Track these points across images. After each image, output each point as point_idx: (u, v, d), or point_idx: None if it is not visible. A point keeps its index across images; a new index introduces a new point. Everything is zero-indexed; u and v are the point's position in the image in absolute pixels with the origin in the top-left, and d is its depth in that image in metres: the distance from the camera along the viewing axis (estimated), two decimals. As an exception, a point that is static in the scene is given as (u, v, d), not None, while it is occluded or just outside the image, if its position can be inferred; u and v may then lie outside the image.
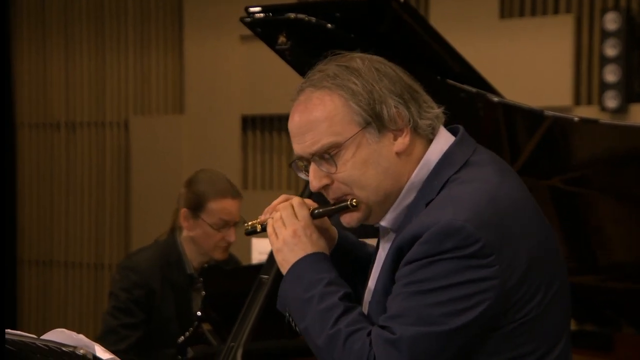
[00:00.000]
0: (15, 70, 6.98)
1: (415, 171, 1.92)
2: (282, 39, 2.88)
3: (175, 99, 6.62)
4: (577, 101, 5.45)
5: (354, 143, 1.90)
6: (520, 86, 5.23)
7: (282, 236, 1.97)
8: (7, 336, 1.99)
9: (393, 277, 1.84)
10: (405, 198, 1.93)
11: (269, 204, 2.06)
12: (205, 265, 3.74)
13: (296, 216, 1.98)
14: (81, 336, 1.87)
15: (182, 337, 3.39)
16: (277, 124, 6.24)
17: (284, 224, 1.98)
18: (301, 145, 1.93)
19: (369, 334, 1.81)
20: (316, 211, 1.99)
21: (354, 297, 1.92)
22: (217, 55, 6.35)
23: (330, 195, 1.96)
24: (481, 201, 1.83)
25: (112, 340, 3.62)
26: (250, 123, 6.34)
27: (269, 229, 2.01)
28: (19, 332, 1.99)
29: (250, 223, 2.06)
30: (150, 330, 3.70)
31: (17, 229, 7.05)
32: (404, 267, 1.81)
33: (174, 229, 3.86)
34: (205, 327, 3.43)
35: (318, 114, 1.91)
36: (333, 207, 1.96)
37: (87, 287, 6.91)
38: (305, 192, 2.89)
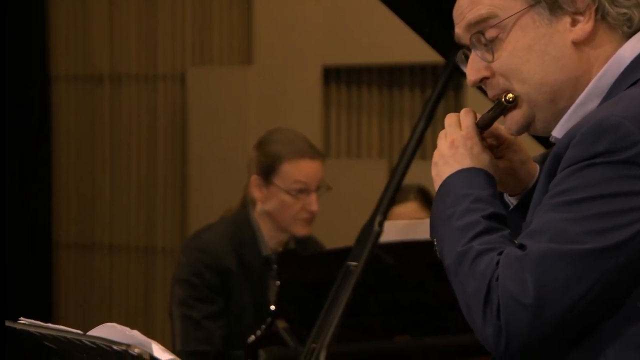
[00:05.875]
0: (49, 14, 7.07)
1: (602, 71, 1.91)
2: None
3: (242, 46, 6.66)
4: None
5: (517, 24, 1.92)
6: None
7: (439, 148, 2.03)
8: (47, 331, 2.07)
9: (547, 191, 1.84)
10: (585, 104, 1.91)
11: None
12: (279, 249, 3.79)
13: (459, 126, 2.04)
14: (135, 332, 1.93)
15: (253, 336, 3.45)
16: (366, 76, 6.24)
17: (445, 135, 2.04)
18: (459, 24, 1.98)
19: (501, 253, 1.81)
20: (480, 121, 2.05)
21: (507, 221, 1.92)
22: (292, -8, 6.37)
23: (490, 93, 2.00)
24: None
25: (201, 337, 3.68)
26: (333, 75, 6.35)
27: None
28: (61, 327, 2.06)
29: None
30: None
31: (51, 205, 7.09)
32: (558, 175, 1.81)
33: (246, 203, 3.91)
34: (280, 324, 3.49)
35: None
36: (490, 110, 2.01)
37: (135, 275, 7.02)
38: None
